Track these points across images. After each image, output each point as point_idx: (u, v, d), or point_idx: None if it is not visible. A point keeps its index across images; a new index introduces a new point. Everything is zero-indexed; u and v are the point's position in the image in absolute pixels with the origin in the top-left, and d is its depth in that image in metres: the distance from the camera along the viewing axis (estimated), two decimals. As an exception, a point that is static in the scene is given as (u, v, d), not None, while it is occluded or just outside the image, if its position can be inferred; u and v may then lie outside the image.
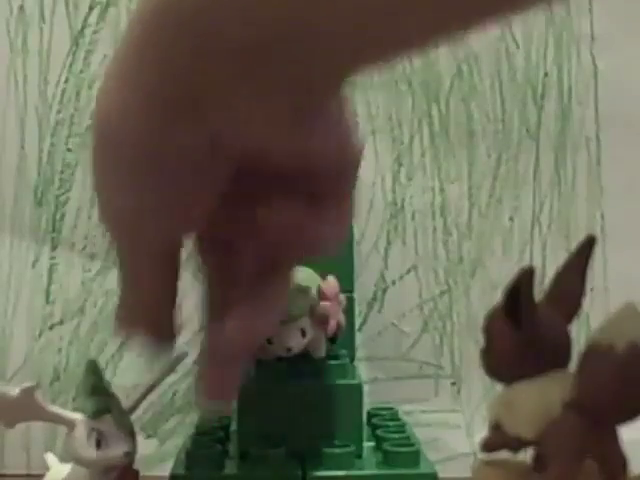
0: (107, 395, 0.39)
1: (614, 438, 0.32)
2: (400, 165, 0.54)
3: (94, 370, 0.39)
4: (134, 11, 0.24)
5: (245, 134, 0.25)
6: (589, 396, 0.31)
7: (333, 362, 0.44)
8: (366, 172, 0.54)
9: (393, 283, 0.54)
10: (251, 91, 0.24)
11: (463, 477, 0.37)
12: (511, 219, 0.54)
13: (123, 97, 0.25)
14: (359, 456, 0.43)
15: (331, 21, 0.22)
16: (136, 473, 0.40)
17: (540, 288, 0.34)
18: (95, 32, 0.54)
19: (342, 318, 0.45)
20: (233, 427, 0.47)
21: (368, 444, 0.44)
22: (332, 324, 0.44)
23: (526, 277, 0.32)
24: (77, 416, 0.38)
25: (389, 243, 0.54)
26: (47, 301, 0.54)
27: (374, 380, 0.53)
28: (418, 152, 0.54)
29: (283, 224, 0.28)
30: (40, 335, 0.54)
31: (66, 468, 0.39)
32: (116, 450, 0.38)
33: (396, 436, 0.44)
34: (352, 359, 0.48)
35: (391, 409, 0.49)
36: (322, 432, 0.42)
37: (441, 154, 0.54)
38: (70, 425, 0.39)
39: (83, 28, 0.54)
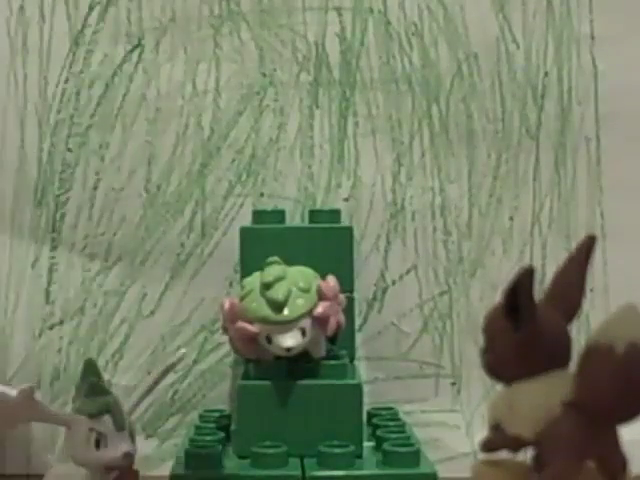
0: (107, 395, 0.39)
1: (614, 438, 0.32)
2: (400, 165, 0.54)
3: (92, 370, 0.39)
4: None
5: None
6: (589, 396, 0.31)
7: (333, 362, 0.44)
8: (366, 172, 0.54)
9: (393, 283, 0.54)
10: None
11: (463, 477, 0.37)
12: (511, 219, 0.54)
13: None
14: (359, 456, 0.43)
15: None
16: (136, 473, 0.40)
17: (540, 288, 0.34)
18: (95, 32, 0.54)
19: (342, 318, 0.45)
20: (233, 427, 0.47)
21: (368, 444, 0.44)
22: (332, 324, 0.44)
23: (526, 277, 0.32)
24: (76, 416, 0.38)
25: (389, 243, 0.54)
26: (47, 301, 0.54)
27: (374, 380, 0.53)
28: (418, 152, 0.54)
29: None
30: (40, 335, 0.54)
31: (66, 468, 0.39)
32: (116, 450, 0.38)
33: (396, 436, 0.44)
34: (352, 359, 0.48)
35: (391, 409, 0.49)
36: (322, 432, 0.42)
37: (441, 154, 0.54)
38: (69, 425, 0.39)
39: (83, 28, 0.54)
